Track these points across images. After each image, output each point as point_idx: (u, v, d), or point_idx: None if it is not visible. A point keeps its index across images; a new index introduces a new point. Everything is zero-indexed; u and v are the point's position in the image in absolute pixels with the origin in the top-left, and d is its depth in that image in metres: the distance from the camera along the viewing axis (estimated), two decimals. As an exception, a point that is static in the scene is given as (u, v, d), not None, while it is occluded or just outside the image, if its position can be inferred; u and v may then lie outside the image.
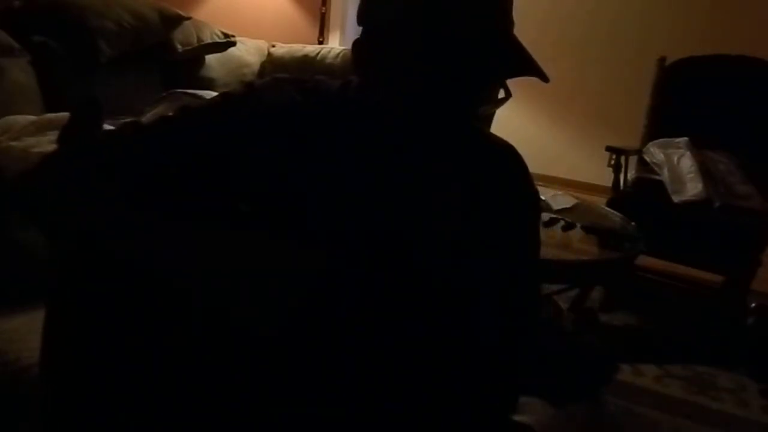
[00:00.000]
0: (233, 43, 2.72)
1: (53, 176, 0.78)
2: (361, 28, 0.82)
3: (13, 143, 1.43)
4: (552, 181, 3.31)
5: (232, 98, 0.86)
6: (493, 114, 2.15)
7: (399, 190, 0.83)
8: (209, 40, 2.60)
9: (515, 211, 0.89)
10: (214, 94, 2.24)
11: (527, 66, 0.75)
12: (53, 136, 1.49)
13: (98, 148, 0.80)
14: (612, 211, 2.23)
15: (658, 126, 2.96)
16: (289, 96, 0.84)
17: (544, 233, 1.57)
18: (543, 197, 2.08)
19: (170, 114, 0.85)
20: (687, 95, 2.96)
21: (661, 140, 2.83)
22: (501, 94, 0.85)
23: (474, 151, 0.87)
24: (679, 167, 2.67)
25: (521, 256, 0.90)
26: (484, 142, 0.91)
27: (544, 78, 0.75)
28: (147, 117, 1.70)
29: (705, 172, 2.63)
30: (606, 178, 2.97)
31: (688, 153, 2.70)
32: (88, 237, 0.75)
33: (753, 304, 0.78)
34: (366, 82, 0.83)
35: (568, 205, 2.15)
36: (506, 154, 0.92)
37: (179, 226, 0.74)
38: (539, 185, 0.97)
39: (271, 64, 2.93)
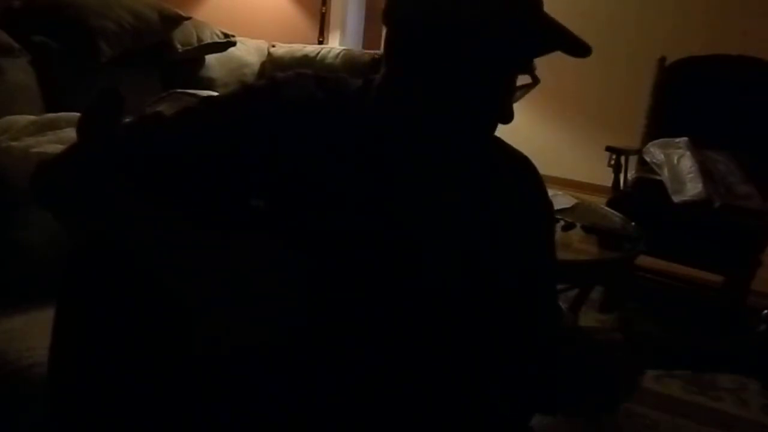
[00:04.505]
0: (233, 43, 2.72)
1: (72, 170, 0.77)
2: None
3: (13, 143, 1.43)
4: (552, 181, 3.28)
5: (253, 91, 0.86)
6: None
7: (409, 196, 0.83)
8: (209, 40, 2.59)
9: (528, 222, 0.89)
10: (215, 94, 2.25)
11: (560, 41, 0.74)
12: (53, 136, 1.50)
13: (119, 141, 0.80)
14: (612, 211, 2.23)
15: (658, 126, 2.96)
16: (310, 92, 0.83)
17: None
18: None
19: (192, 106, 0.85)
20: (687, 95, 2.95)
21: (661, 140, 2.83)
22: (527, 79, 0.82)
23: (488, 160, 0.87)
24: (679, 167, 2.67)
25: (535, 267, 0.89)
26: (500, 153, 0.90)
27: (582, 51, 0.75)
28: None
29: (705, 172, 2.63)
30: (606, 178, 2.97)
31: (688, 153, 2.70)
32: (102, 233, 0.75)
33: (765, 311, 0.77)
34: (390, 79, 0.82)
35: (568, 205, 2.15)
36: (521, 165, 0.91)
37: (191, 231, 0.74)
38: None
39: (271, 64, 2.93)
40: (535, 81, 0.80)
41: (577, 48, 0.74)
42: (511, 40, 0.74)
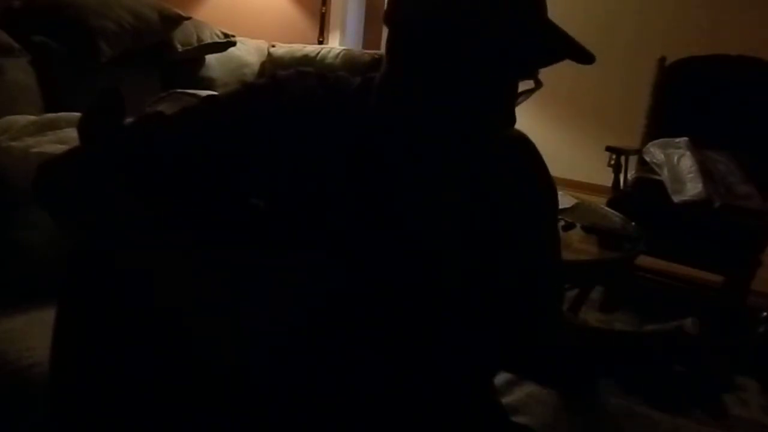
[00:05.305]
0: (233, 43, 2.72)
1: (73, 169, 0.77)
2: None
3: (13, 143, 1.43)
4: (552, 181, 3.30)
5: (254, 90, 0.86)
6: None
7: (408, 195, 0.83)
8: (209, 40, 2.59)
9: (529, 222, 0.89)
10: (215, 94, 2.25)
11: (566, 50, 0.74)
12: (53, 136, 1.50)
13: (120, 141, 0.80)
14: (612, 211, 2.23)
15: (658, 126, 2.96)
16: (311, 90, 0.83)
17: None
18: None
19: (193, 105, 0.85)
20: (687, 95, 2.96)
21: (661, 140, 2.83)
22: (530, 84, 0.81)
23: (488, 160, 0.87)
24: (679, 167, 2.67)
25: (535, 266, 0.89)
26: (501, 148, 0.89)
27: (586, 59, 0.74)
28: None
29: (705, 172, 2.63)
30: (606, 178, 2.97)
31: (688, 153, 2.70)
32: (102, 233, 0.75)
33: (765, 313, 0.78)
34: (390, 79, 0.82)
35: (568, 205, 2.15)
36: (519, 145, 0.91)
37: (191, 231, 0.74)
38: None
39: (271, 64, 2.93)
40: (538, 85, 0.79)
41: (581, 55, 0.74)
42: (510, 40, 0.74)
